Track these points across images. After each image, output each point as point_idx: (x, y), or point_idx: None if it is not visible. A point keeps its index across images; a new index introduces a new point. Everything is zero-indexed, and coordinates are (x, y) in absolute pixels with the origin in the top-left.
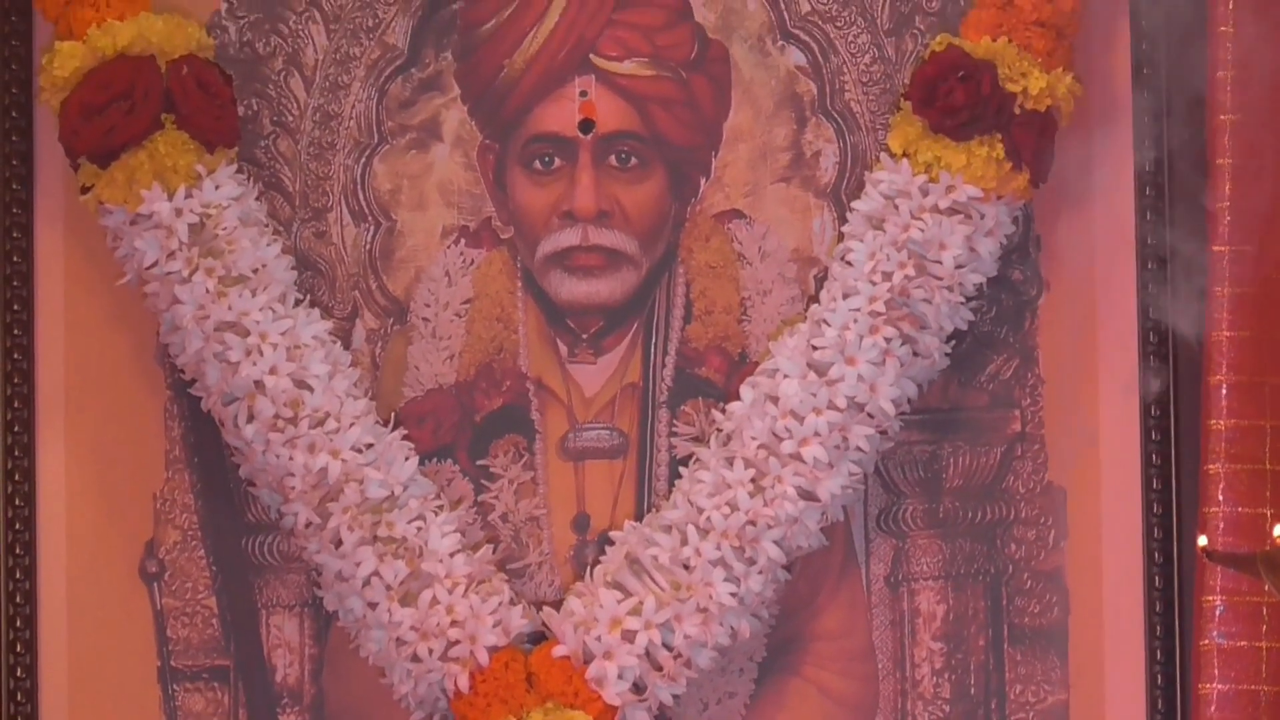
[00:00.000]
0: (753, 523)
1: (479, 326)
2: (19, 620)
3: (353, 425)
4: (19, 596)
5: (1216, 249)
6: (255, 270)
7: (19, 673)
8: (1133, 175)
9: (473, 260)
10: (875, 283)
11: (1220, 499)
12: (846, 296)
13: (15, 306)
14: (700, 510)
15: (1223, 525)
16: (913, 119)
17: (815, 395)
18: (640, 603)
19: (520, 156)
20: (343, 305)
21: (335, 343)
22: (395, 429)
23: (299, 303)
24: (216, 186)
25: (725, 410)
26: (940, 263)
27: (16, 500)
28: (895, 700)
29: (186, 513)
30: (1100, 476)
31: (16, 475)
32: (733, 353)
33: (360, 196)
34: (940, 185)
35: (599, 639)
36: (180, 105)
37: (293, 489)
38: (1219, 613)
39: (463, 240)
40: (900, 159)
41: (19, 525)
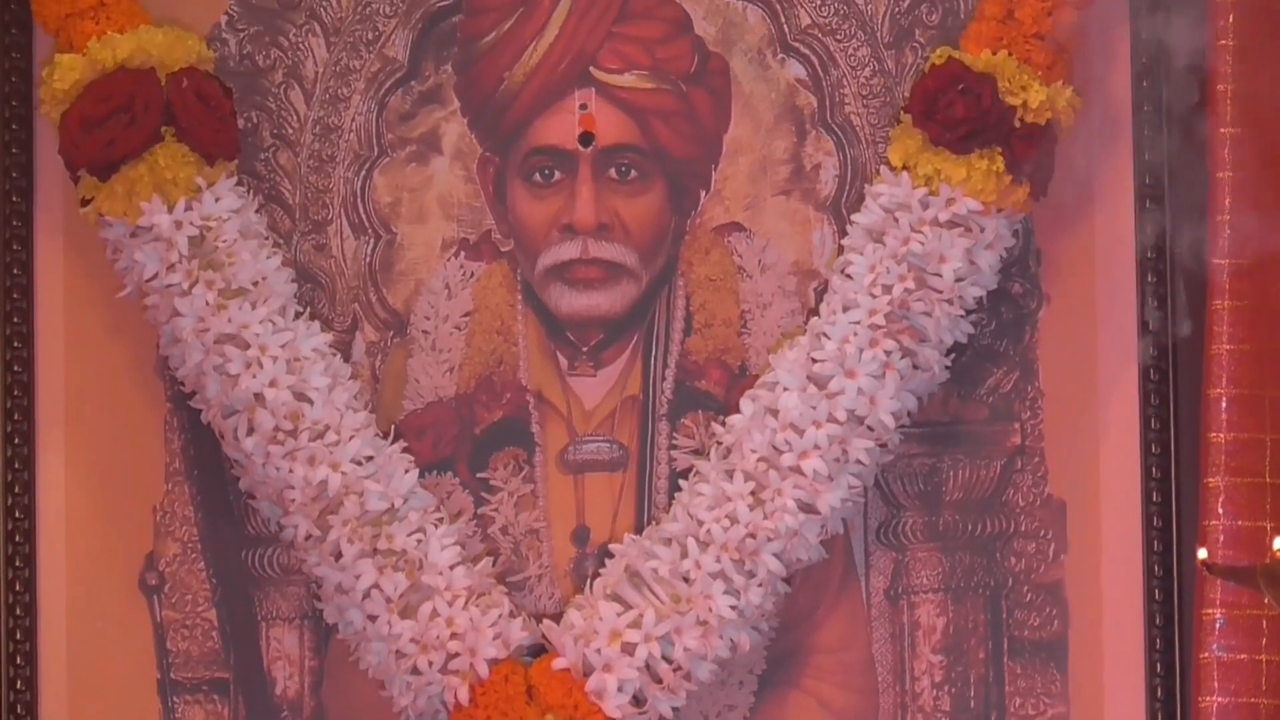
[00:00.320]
0: (752, 535)
1: (479, 339)
2: (19, 633)
3: (353, 438)
4: (19, 609)
5: (1216, 262)
6: (255, 283)
7: (19, 685)
8: (1132, 188)
9: (473, 273)
10: (875, 296)
11: (1220, 512)
12: (846, 309)
13: (15, 319)
14: (700, 523)
15: (1223, 538)
16: (913, 132)
17: (815, 408)
18: (640, 615)
19: (520, 169)
20: (343, 318)
21: (335, 355)
22: (395, 442)
23: (299, 315)
24: (216, 199)
25: (725, 423)
26: (940, 276)
27: (16, 513)
28: (895, 713)
29: (186, 525)
30: (1100, 490)
31: (16, 488)
32: (733, 365)
33: (360, 209)
34: (940, 198)
35: (599, 652)
36: (180, 118)
37: (293, 501)
38: (1219, 626)
39: (463, 253)
40: (900, 172)
41: (19, 538)
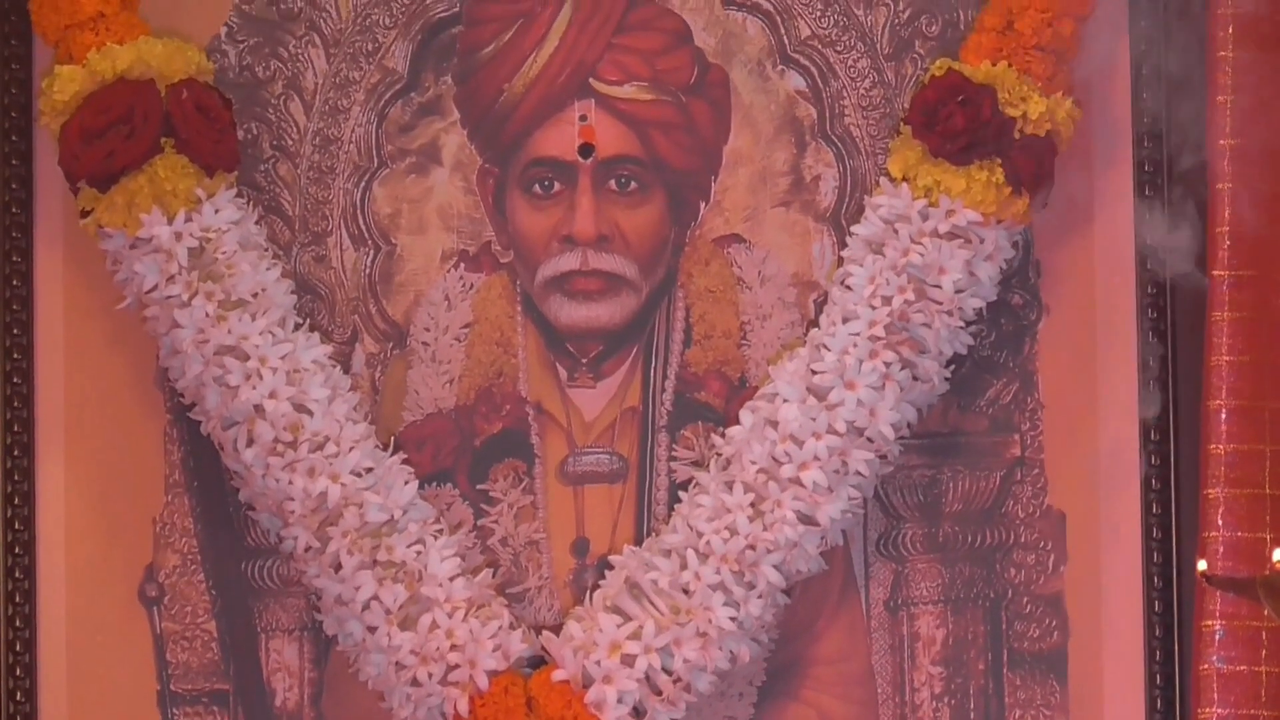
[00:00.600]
0: (752, 547)
1: (478, 350)
2: (18, 644)
3: (352, 449)
4: (18, 620)
5: (1216, 273)
6: (255, 294)
7: (19, 697)
8: (1132, 199)
9: (472, 284)
10: (875, 307)
11: (1220, 523)
12: (846, 321)
13: (15, 330)
14: (700, 534)
15: (1222, 550)
16: (912, 143)
17: (815, 420)
18: (640, 627)
19: (520, 180)
20: (342, 329)
21: (335, 367)
22: (395, 453)
23: (299, 327)
24: (216, 210)
25: (725, 434)
26: (940, 287)
27: (16, 524)
28: None
29: (186, 537)
30: (1100, 501)
31: (16, 499)
32: (732, 377)
33: (360, 220)
34: (940, 210)
35: (598, 663)
36: (180, 129)
37: (292, 513)
38: (1218, 637)
39: (462, 264)
40: (900, 183)
41: (19, 549)
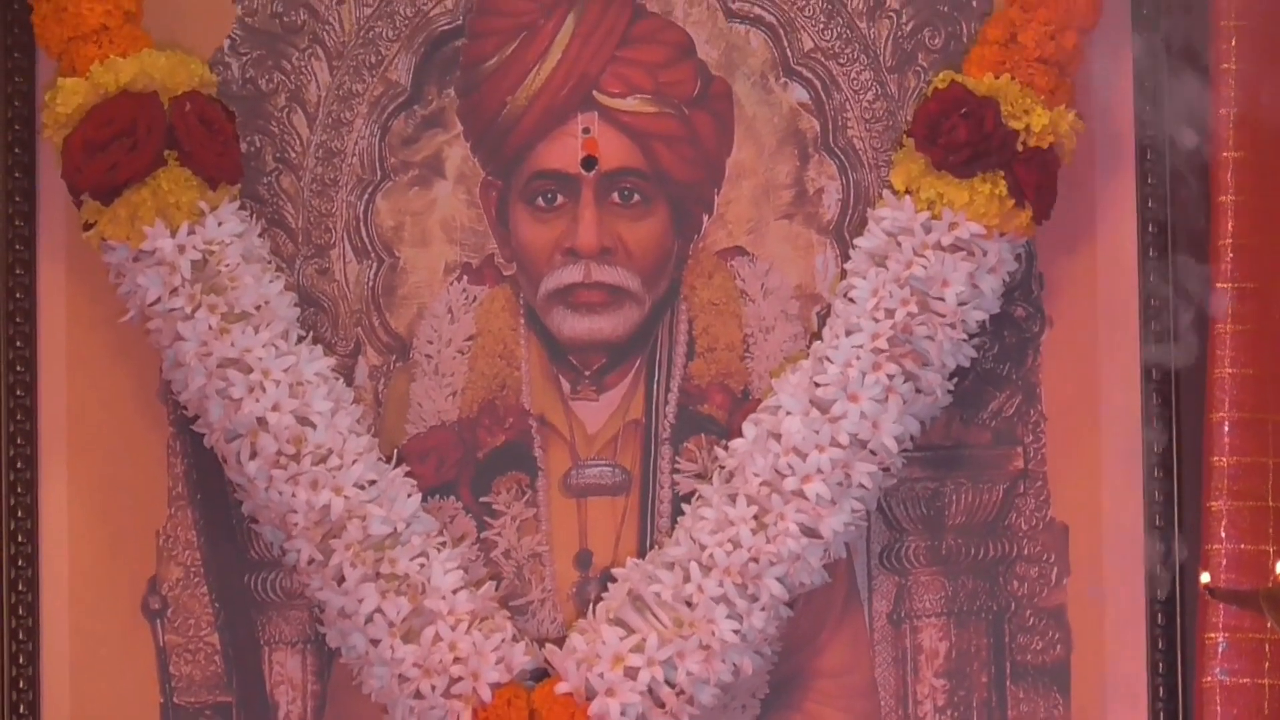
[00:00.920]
0: (755, 560)
1: (481, 363)
2: (21, 657)
3: (355, 462)
4: (21, 633)
5: (1219, 286)
6: (258, 307)
7: (22, 710)
8: (1135, 212)
9: (475, 297)
10: (878, 319)
11: (1223, 536)
12: (849, 333)
13: (18, 343)
14: (703, 547)
15: (1225, 562)
16: (915, 156)
17: (818, 432)
18: (643, 639)
19: (523, 193)
20: (345, 342)
21: (338, 379)
22: (398, 466)
23: (301, 339)
24: (219, 223)
25: (728, 447)
26: (943, 300)
27: (19, 537)
28: None
29: (189, 549)
30: (1102, 513)
31: (19, 512)
32: (735, 389)
33: (363, 233)
34: (943, 222)
35: (601, 676)
36: (183, 142)
37: (295, 526)
38: (1221, 650)
39: (465, 277)
40: (903, 196)
41: (22, 562)
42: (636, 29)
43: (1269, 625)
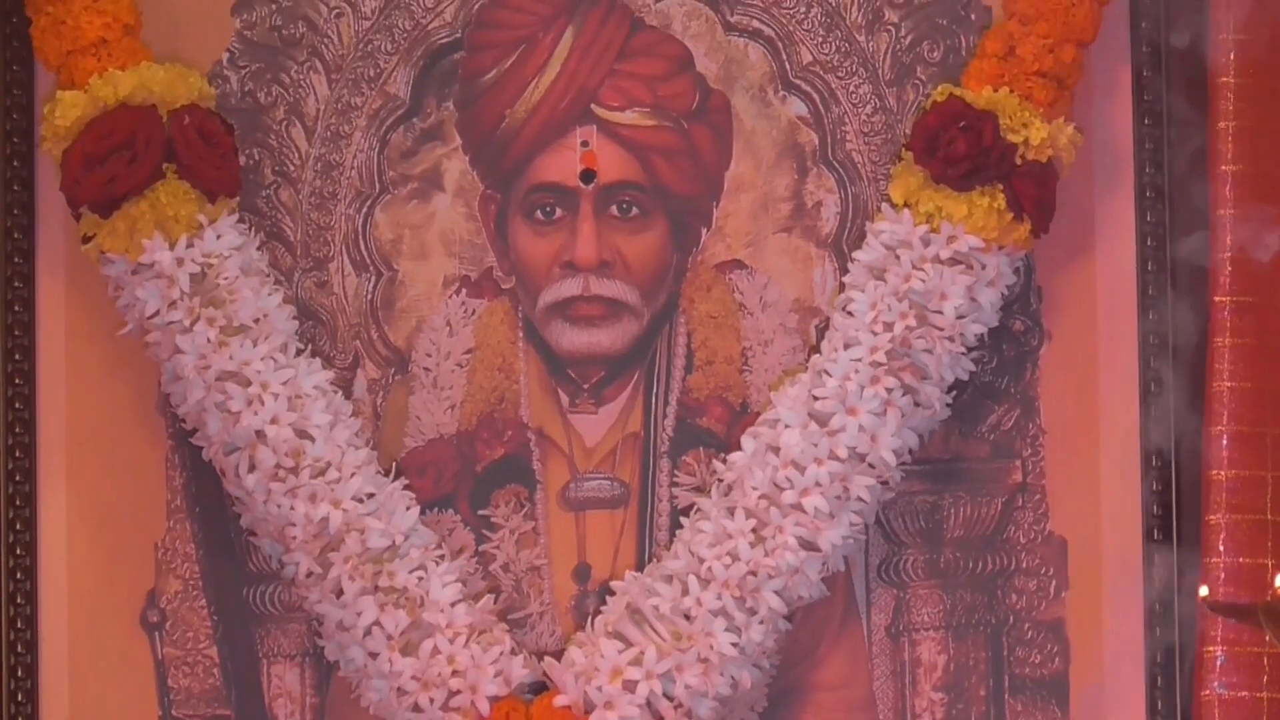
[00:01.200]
0: (754, 573)
1: (480, 376)
2: (20, 670)
3: (354, 475)
4: (20, 646)
5: (1218, 300)
6: (257, 320)
7: None
8: (1134, 225)
9: (474, 310)
10: (876, 333)
11: (1221, 549)
12: (848, 347)
13: (17, 356)
14: (701, 560)
15: (1224, 575)
16: (914, 169)
17: (816, 445)
18: (641, 653)
19: (522, 206)
20: (344, 355)
21: (336, 392)
22: (396, 479)
23: (300, 352)
24: (218, 236)
25: (726, 460)
26: (941, 313)
27: (18, 550)
28: None
29: (188, 562)
30: (1101, 527)
31: (18, 525)
32: (734, 403)
33: (362, 246)
34: (941, 235)
35: (600, 689)
36: (182, 155)
37: (294, 539)
38: (1220, 663)
39: (464, 290)
40: (902, 209)
41: (20, 575)
42: (635, 42)
43: (1267, 639)
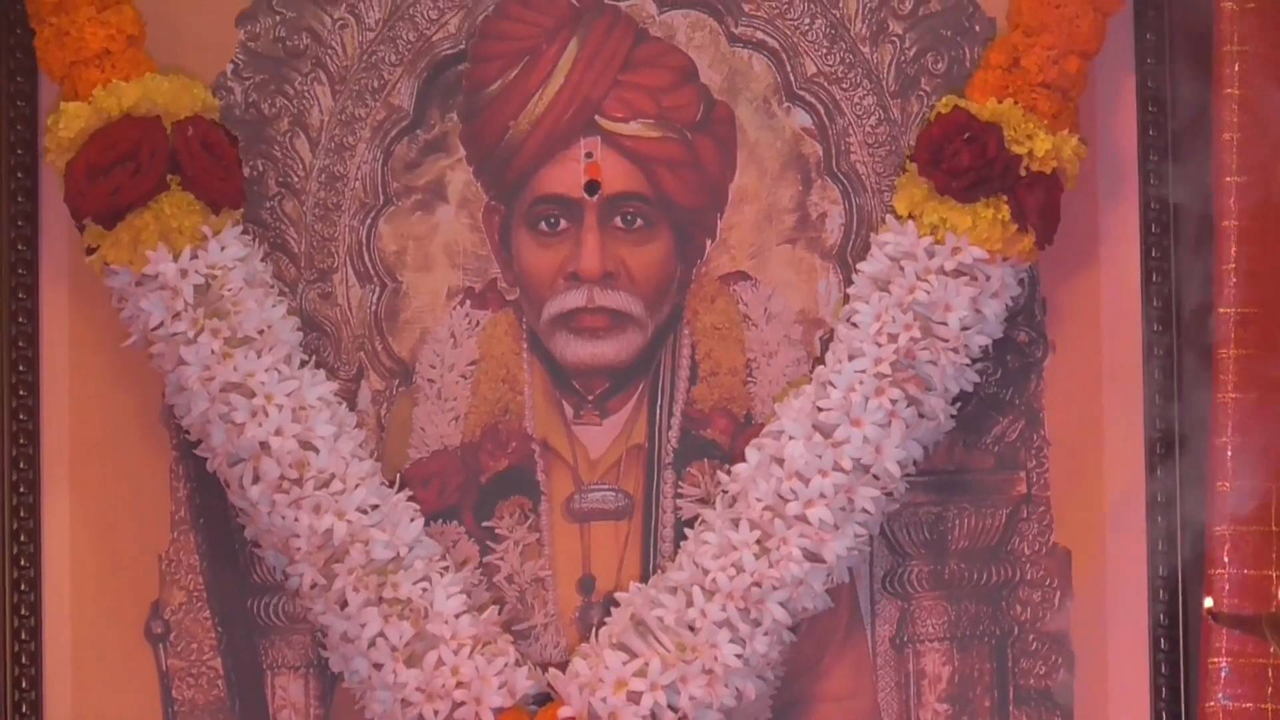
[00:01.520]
0: (758, 584)
1: (484, 388)
2: (24, 681)
3: (358, 486)
4: (24, 657)
5: (1222, 311)
6: (261, 331)
7: None
8: (1138, 237)
9: (478, 321)
10: (881, 344)
11: (1226, 560)
12: (852, 358)
13: (20, 367)
14: (705, 572)
15: (1228, 587)
16: (918, 181)
17: (821, 457)
18: (646, 664)
19: (526, 218)
20: (348, 366)
21: (341, 404)
22: (401, 490)
23: (304, 364)
24: (222, 248)
25: (730, 472)
26: (946, 324)
27: (22, 561)
28: None
29: (192, 574)
30: (1105, 538)
31: (22, 536)
32: (738, 414)
33: (366, 258)
34: (946, 247)
35: (604, 700)
36: (186, 166)
37: (298, 550)
38: (1224, 675)
39: (468, 301)
40: (906, 221)
41: (24, 586)
42: (639, 53)
43: (1272, 650)
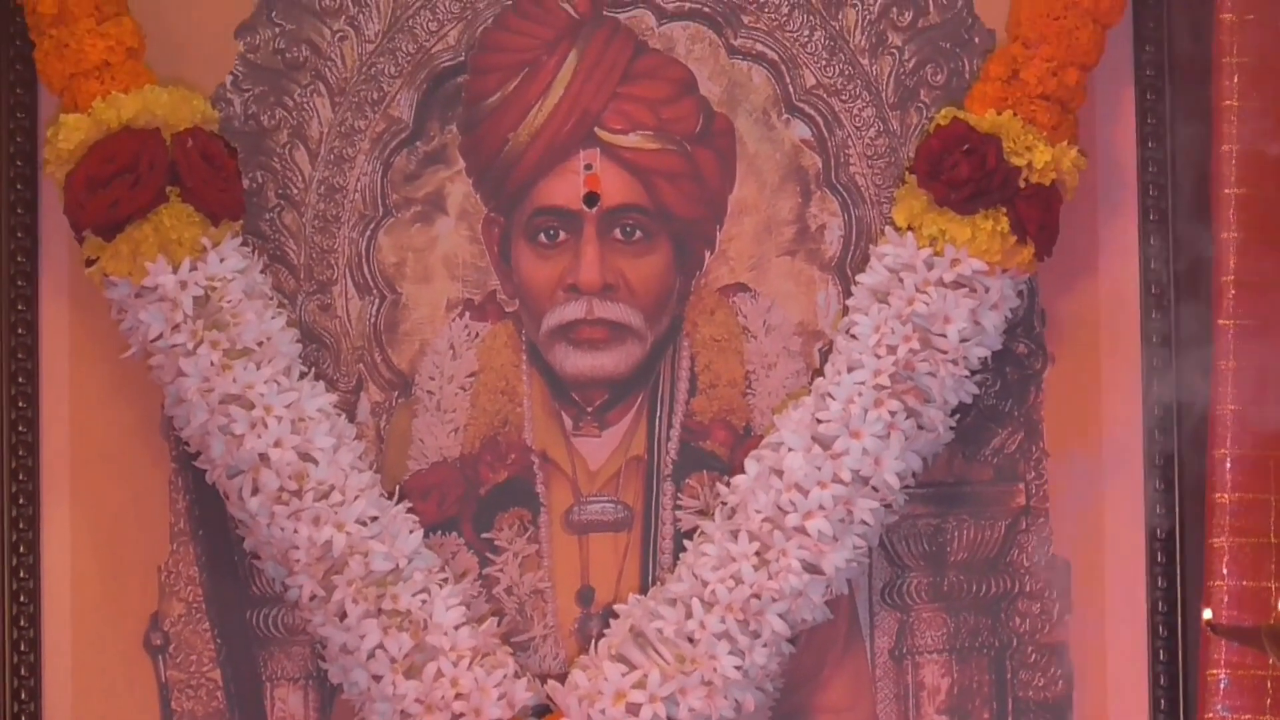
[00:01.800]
0: (757, 596)
1: (484, 399)
2: (24, 693)
3: (357, 498)
4: (24, 669)
5: (1222, 322)
6: (260, 343)
7: None
8: (1137, 248)
9: (477, 333)
10: (880, 356)
11: (1225, 572)
12: (851, 370)
13: (20, 379)
14: (705, 583)
15: (1227, 598)
16: (918, 192)
17: (820, 469)
18: (645, 676)
19: (525, 229)
20: (347, 378)
21: (340, 416)
22: (400, 502)
23: (304, 376)
24: (221, 259)
25: (730, 483)
26: (945, 336)
27: (21, 573)
28: None
29: (191, 585)
30: (1104, 550)
31: (21, 547)
32: (737, 426)
33: (365, 269)
34: (945, 259)
35: (603, 712)
36: (185, 178)
37: (297, 562)
38: (1223, 686)
39: (467, 313)
40: (905, 232)
41: (24, 598)
42: (638, 65)
43: (1271, 662)
